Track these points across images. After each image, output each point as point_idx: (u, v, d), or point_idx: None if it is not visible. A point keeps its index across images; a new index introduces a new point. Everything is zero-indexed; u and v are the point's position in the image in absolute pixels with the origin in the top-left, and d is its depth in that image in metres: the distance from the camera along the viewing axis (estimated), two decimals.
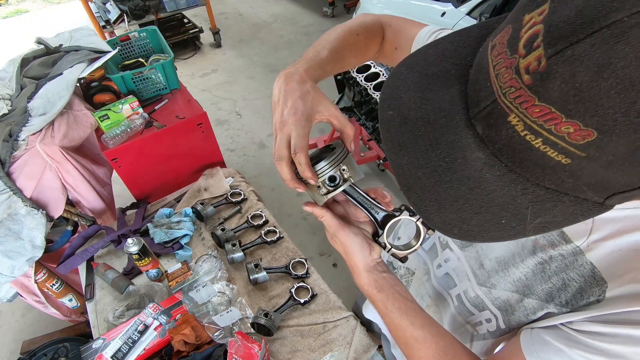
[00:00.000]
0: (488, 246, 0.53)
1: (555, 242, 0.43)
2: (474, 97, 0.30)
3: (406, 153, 0.33)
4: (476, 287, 0.56)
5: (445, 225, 0.33)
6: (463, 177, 0.30)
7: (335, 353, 0.98)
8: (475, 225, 0.31)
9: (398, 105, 0.34)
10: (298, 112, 0.46)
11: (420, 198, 0.33)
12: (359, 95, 2.01)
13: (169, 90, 1.73)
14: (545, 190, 0.28)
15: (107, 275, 1.17)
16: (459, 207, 0.31)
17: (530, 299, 0.47)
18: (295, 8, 5.10)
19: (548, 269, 0.44)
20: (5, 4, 6.42)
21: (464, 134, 0.30)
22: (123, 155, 1.49)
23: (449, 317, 0.66)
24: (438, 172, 0.31)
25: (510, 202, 0.29)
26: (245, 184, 1.52)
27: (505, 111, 0.26)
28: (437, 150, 0.31)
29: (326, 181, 0.47)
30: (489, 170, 0.29)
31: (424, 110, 0.33)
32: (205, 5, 3.94)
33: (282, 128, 0.46)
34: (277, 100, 0.48)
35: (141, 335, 1.00)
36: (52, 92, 1.37)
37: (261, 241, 1.25)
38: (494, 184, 0.29)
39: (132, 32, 1.83)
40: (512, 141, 0.27)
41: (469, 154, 0.30)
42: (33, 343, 1.61)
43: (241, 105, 3.39)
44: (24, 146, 1.28)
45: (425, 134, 0.32)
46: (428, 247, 0.68)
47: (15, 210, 1.24)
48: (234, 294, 1.07)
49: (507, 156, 0.28)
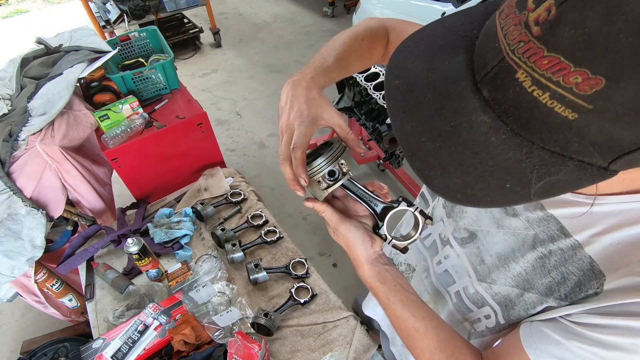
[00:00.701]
0: (489, 242, 0.53)
1: (554, 236, 0.44)
2: (481, 62, 0.30)
3: (411, 119, 0.33)
4: (476, 283, 0.56)
5: (449, 190, 0.33)
6: (468, 141, 0.30)
7: (335, 353, 0.98)
8: (479, 190, 0.31)
9: (404, 75, 0.35)
10: (304, 115, 0.47)
11: (424, 163, 0.33)
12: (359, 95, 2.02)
13: (169, 90, 1.73)
14: (550, 154, 0.28)
15: (107, 275, 1.17)
16: (463, 172, 0.31)
17: (530, 294, 0.47)
18: (295, 8, 5.10)
19: (548, 263, 0.45)
20: (5, 4, 6.42)
21: (469, 99, 0.30)
22: (123, 155, 1.49)
23: (446, 314, 0.66)
24: (443, 136, 0.31)
25: (514, 166, 0.29)
26: (245, 184, 1.52)
27: (513, 68, 0.26)
28: (442, 116, 0.31)
29: (326, 176, 0.48)
30: (494, 133, 0.29)
31: (430, 78, 0.33)
32: (205, 5, 3.94)
33: (288, 130, 0.48)
34: (284, 105, 0.50)
35: (141, 335, 1.00)
36: (52, 92, 1.37)
37: (261, 241, 1.25)
38: (499, 148, 0.29)
39: (132, 32, 1.83)
40: (519, 100, 0.27)
41: (475, 117, 0.30)
42: (33, 343, 1.61)
43: (241, 105, 3.39)
44: (24, 146, 1.28)
45: (430, 100, 0.32)
46: (429, 243, 0.69)
47: (15, 210, 1.24)
48: (234, 294, 1.07)
49: (513, 118, 0.28)
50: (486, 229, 0.53)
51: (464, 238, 0.58)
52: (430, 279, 0.70)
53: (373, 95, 1.89)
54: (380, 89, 1.91)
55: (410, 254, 0.77)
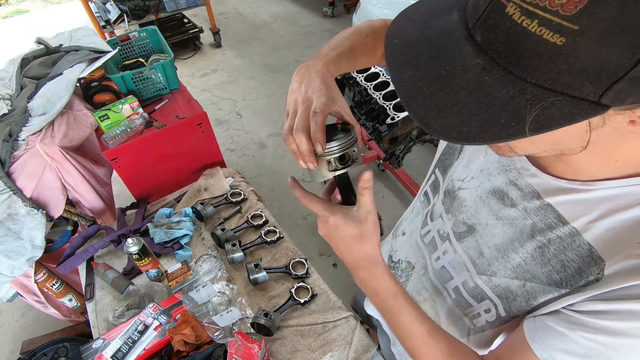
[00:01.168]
0: (487, 234, 0.53)
1: (552, 224, 0.44)
2: (473, 12, 0.32)
3: (409, 69, 0.35)
4: (476, 276, 0.56)
5: (445, 129, 0.33)
6: (462, 82, 0.32)
7: (335, 353, 0.98)
8: (474, 127, 0.32)
9: (403, 35, 0.38)
10: (322, 90, 0.47)
11: (420, 106, 0.34)
12: (359, 95, 2.02)
13: (169, 90, 1.73)
14: (542, 90, 0.29)
15: (107, 275, 1.17)
16: (458, 110, 0.32)
17: (531, 283, 0.47)
18: (295, 8, 5.10)
19: (547, 252, 0.45)
20: (5, 4, 6.41)
21: (463, 45, 0.32)
22: (123, 155, 1.49)
23: (445, 311, 0.66)
24: (438, 80, 0.33)
25: (508, 102, 0.30)
26: (245, 184, 1.52)
27: (503, 3, 0.29)
28: (438, 63, 0.34)
29: (337, 158, 0.47)
30: (488, 74, 0.31)
31: (427, 34, 0.36)
32: (205, 5, 3.94)
33: (305, 102, 0.47)
34: (298, 85, 0.49)
35: (141, 335, 1.00)
36: (52, 92, 1.37)
37: (261, 241, 1.25)
38: (492, 87, 0.31)
39: (132, 32, 1.83)
40: (510, 35, 0.29)
41: (469, 61, 0.32)
42: (33, 343, 1.61)
43: (241, 105, 3.39)
44: (24, 146, 1.28)
45: (427, 51, 0.35)
46: (428, 240, 0.69)
47: (15, 210, 1.24)
48: (234, 294, 1.07)
49: (505, 56, 0.30)
50: (484, 222, 0.53)
51: (462, 232, 0.58)
52: (428, 275, 0.70)
53: (373, 96, 1.89)
54: (380, 90, 1.91)
55: (410, 251, 0.76)
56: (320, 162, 0.48)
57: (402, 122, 1.79)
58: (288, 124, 0.47)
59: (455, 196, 0.60)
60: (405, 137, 1.95)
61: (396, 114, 1.80)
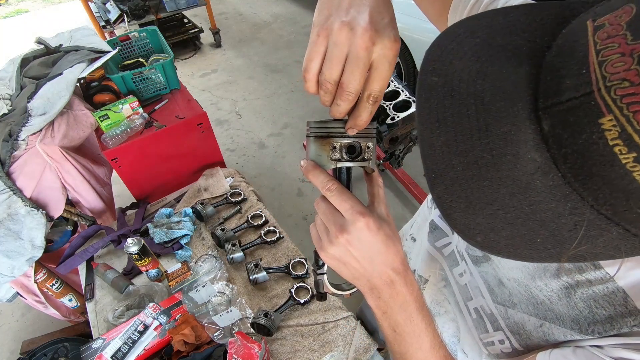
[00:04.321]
0: (504, 266, 0.46)
1: (582, 266, 0.37)
2: (553, 85, 0.24)
3: (444, 132, 0.27)
4: (491, 304, 0.50)
5: (469, 230, 0.28)
6: (507, 179, 0.25)
7: (335, 353, 0.98)
8: (504, 237, 0.26)
9: (447, 72, 0.28)
10: (388, 15, 0.33)
11: (447, 191, 0.27)
12: None
13: (169, 90, 1.73)
14: (596, 215, 0.23)
15: (107, 275, 1.17)
16: (491, 213, 0.26)
17: (551, 324, 0.42)
18: (295, 8, 5.10)
19: (574, 295, 0.38)
20: (5, 4, 6.42)
21: (523, 127, 0.24)
22: (123, 155, 1.49)
23: (464, 329, 0.61)
24: (479, 165, 0.26)
25: (552, 220, 0.25)
26: (245, 184, 1.52)
27: (601, 110, 0.20)
28: (485, 139, 0.25)
29: (345, 145, 0.40)
30: (542, 177, 0.24)
31: (479, 86, 0.26)
32: (205, 5, 3.94)
33: (367, 39, 0.32)
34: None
35: (141, 335, 0.99)
36: (52, 92, 1.37)
37: (261, 241, 1.25)
38: (541, 195, 0.24)
39: (132, 32, 1.83)
40: (590, 149, 0.21)
41: (523, 152, 0.25)
42: (33, 343, 1.61)
43: (241, 105, 3.39)
44: (23, 146, 1.28)
45: (474, 114, 0.26)
46: (447, 252, 0.62)
47: (15, 210, 1.24)
48: (234, 294, 1.07)
49: (572, 165, 0.23)
50: None
51: (478, 257, 0.52)
52: (451, 288, 0.62)
53: None
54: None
55: (422, 264, 0.69)
56: (324, 145, 0.40)
57: (402, 122, 1.79)
58: (329, 71, 0.33)
59: None
60: (405, 137, 1.95)
61: (396, 114, 1.80)
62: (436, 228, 0.64)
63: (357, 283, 0.42)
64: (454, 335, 0.62)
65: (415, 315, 0.41)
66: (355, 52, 0.32)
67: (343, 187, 0.39)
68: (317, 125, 0.41)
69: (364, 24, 0.31)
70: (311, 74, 0.35)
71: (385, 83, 0.34)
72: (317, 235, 0.42)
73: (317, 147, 0.41)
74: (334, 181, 0.39)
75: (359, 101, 0.35)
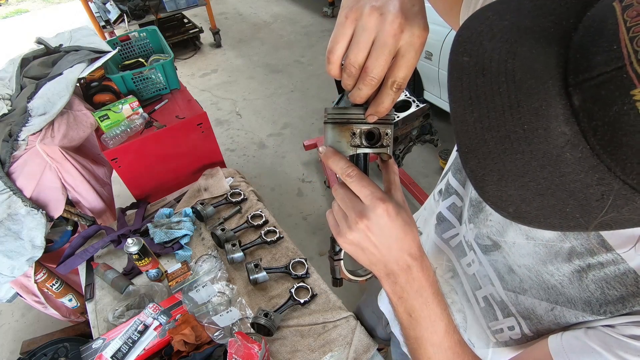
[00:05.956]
0: (515, 253, 0.47)
1: (594, 250, 0.38)
2: (583, 62, 0.25)
3: (477, 109, 0.28)
4: (502, 291, 0.51)
5: (501, 201, 0.29)
6: (538, 151, 0.26)
7: (335, 353, 0.98)
8: (535, 208, 0.27)
9: (478, 53, 0.29)
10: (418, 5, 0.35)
11: (480, 165, 0.28)
12: None
13: (169, 90, 1.73)
14: (622, 185, 0.25)
15: (107, 275, 1.17)
16: (522, 184, 0.27)
17: (562, 307, 0.43)
18: (295, 8, 5.10)
19: (585, 278, 0.39)
20: (5, 4, 6.42)
21: (553, 103, 0.26)
22: (123, 155, 1.49)
23: (471, 319, 0.62)
24: (511, 139, 0.27)
25: (581, 190, 0.26)
26: (245, 184, 1.52)
27: (632, 82, 0.22)
28: (517, 114, 0.27)
29: (364, 132, 0.40)
30: (571, 149, 0.25)
31: (510, 65, 0.27)
32: (205, 5, 3.95)
33: (394, 26, 0.33)
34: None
35: (141, 335, 1.00)
36: (52, 92, 1.37)
37: (261, 241, 1.25)
38: (570, 166, 0.26)
39: (132, 32, 1.83)
40: (620, 120, 0.23)
41: (554, 126, 0.26)
42: (33, 343, 1.61)
43: (241, 105, 3.39)
44: (24, 146, 1.28)
45: (506, 92, 0.27)
46: (455, 243, 0.63)
47: (15, 210, 1.24)
48: (234, 294, 1.07)
49: (601, 137, 0.24)
50: (511, 241, 0.48)
51: (487, 246, 0.52)
52: (459, 279, 0.63)
53: None
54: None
55: (429, 255, 0.72)
56: (343, 132, 0.40)
57: (402, 122, 1.79)
58: (354, 55, 0.34)
59: (481, 208, 0.53)
60: (405, 137, 1.95)
61: (396, 114, 1.80)
62: (444, 220, 0.65)
63: (374, 269, 0.43)
64: (460, 326, 0.63)
65: (431, 300, 0.42)
66: (383, 38, 0.33)
67: (362, 173, 0.40)
68: (336, 111, 0.41)
69: (394, 11, 0.32)
70: (335, 56, 0.35)
71: (410, 71, 0.35)
72: (335, 222, 0.43)
73: (335, 133, 0.41)
74: (353, 167, 0.40)
75: (382, 87, 0.36)
